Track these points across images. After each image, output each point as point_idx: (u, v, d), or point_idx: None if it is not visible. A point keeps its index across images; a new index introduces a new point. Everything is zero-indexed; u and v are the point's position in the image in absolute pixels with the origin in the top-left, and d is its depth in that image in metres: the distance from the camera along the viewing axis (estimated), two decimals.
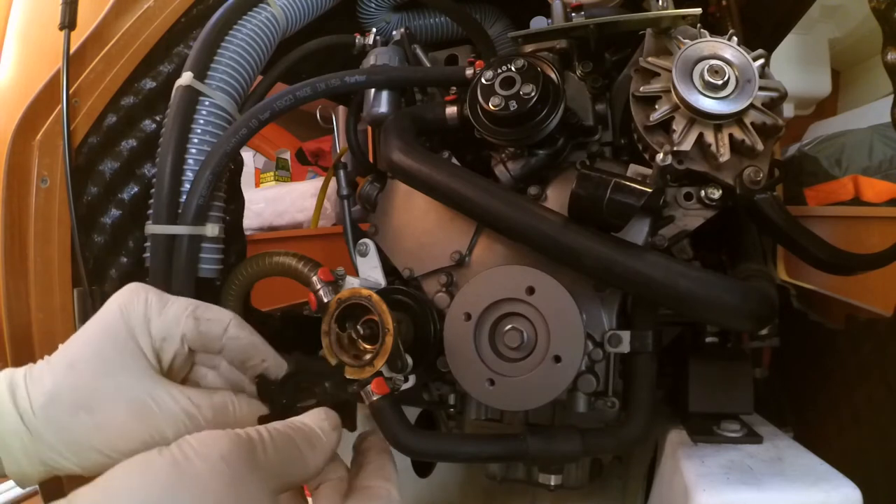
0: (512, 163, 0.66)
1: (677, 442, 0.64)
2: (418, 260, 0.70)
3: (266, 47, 0.82)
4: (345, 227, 0.80)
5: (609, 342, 0.61)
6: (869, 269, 0.62)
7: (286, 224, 1.58)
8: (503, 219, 0.57)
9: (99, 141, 0.74)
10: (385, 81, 0.76)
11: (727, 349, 0.75)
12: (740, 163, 0.57)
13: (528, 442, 0.59)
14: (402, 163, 0.62)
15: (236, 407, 0.42)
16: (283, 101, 0.70)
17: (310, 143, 2.08)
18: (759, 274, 0.60)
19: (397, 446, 0.60)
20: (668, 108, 0.56)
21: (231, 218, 0.84)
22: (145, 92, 0.78)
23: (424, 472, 0.89)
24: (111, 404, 0.38)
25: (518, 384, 0.59)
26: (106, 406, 0.38)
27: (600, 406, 0.63)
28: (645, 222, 0.60)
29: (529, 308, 0.59)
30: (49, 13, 0.78)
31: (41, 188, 0.70)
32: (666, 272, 0.52)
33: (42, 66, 0.77)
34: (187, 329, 0.42)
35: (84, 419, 0.38)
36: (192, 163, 0.73)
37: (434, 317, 0.65)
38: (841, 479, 0.53)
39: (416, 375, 0.63)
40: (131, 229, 0.76)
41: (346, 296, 0.50)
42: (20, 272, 0.69)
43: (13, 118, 0.71)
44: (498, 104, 0.60)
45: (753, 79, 0.54)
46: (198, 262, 0.73)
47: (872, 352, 0.82)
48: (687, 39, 0.58)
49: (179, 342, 0.42)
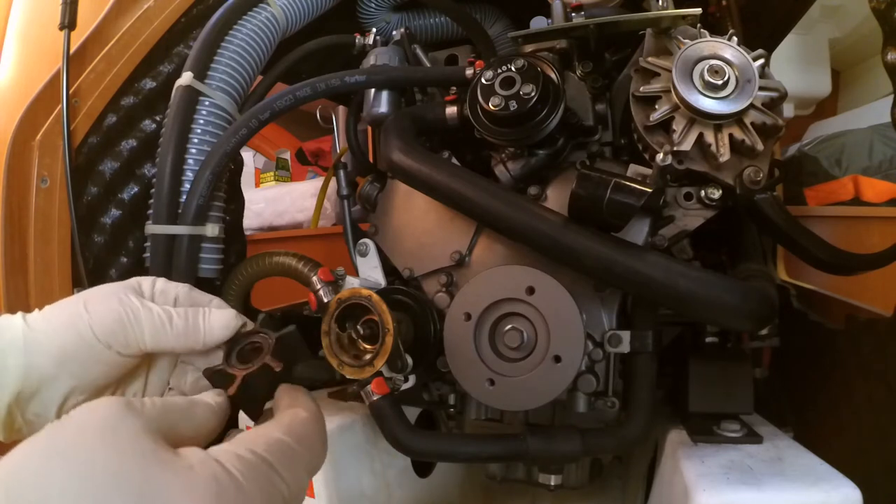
0: (512, 163, 0.66)
1: (677, 442, 0.64)
2: (418, 260, 0.70)
3: (266, 47, 0.82)
4: (345, 227, 0.80)
5: (609, 342, 0.61)
6: (869, 269, 0.62)
7: (286, 224, 1.58)
8: (503, 219, 0.57)
9: (99, 141, 0.74)
10: (385, 81, 0.76)
11: (727, 349, 0.75)
12: (740, 163, 0.57)
13: (528, 442, 0.59)
14: (402, 163, 0.62)
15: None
16: (283, 101, 0.70)
17: (310, 143, 2.08)
18: (759, 274, 0.60)
19: (397, 446, 0.60)
20: (668, 108, 0.56)
21: (231, 218, 0.84)
22: (145, 92, 0.78)
23: (424, 472, 0.89)
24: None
25: (518, 384, 0.59)
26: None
27: (600, 406, 0.63)
28: (645, 222, 0.60)
29: (529, 308, 0.59)
30: (49, 13, 0.78)
31: (41, 188, 0.70)
32: (666, 272, 0.52)
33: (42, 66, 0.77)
34: (181, 291, 0.45)
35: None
36: (192, 163, 0.73)
37: (434, 317, 0.65)
38: (841, 479, 0.53)
39: (416, 375, 0.63)
40: (131, 229, 0.76)
41: (346, 296, 0.50)
42: (20, 272, 0.69)
43: (13, 118, 0.71)
44: (498, 104, 0.60)
45: (753, 79, 0.54)
46: (198, 262, 0.73)
47: (872, 352, 0.82)
48: (687, 39, 0.58)
49: (173, 300, 0.45)
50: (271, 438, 0.33)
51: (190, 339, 0.42)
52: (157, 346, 0.41)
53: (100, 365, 0.40)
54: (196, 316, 0.43)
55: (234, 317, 0.44)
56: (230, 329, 0.43)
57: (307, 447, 0.35)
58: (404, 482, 0.84)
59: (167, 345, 0.42)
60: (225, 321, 0.43)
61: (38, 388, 0.39)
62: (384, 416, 0.60)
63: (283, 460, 0.32)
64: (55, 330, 0.40)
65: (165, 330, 0.41)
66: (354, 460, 0.76)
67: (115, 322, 0.40)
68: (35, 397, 0.40)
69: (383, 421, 0.60)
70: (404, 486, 0.83)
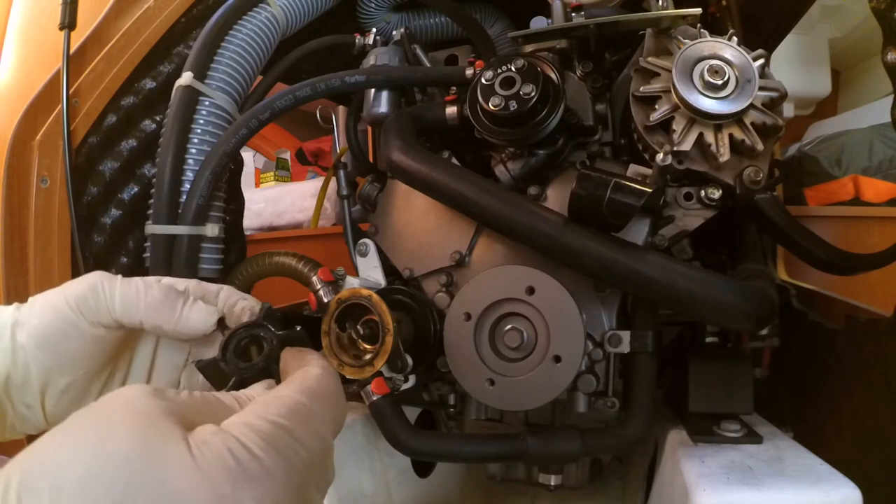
0: (512, 163, 0.66)
1: (677, 442, 0.64)
2: (418, 260, 0.70)
3: (266, 47, 0.82)
4: (345, 227, 0.80)
5: (609, 342, 0.61)
6: (869, 269, 0.62)
7: (286, 224, 1.58)
8: (503, 219, 0.57)
9: (99, 141, 0.74)
10: (385, 81, 0.76)
11: (727, 349, 0.75)
12: (740, 163, 0.57)
13: (528, 442, 0.59)
14: (402, 163, 0.62)
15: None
16: (283, 101, 0.70)
17: (310, 143, 2.08)
18: (759, 274, 0.60)
19: (397, 446, 0.60)
20: (668, 108, 0.56)
21: (231, 218, 0.84)
22: (145, 92, 0.78)
23: (424, 472, 0.89)
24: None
25: (518, 384, 0.59)
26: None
27: (600, 406, 0.63)
28: (645, 222, 0.60)
29: (529, 308, 0.59)
30: (49, 13, 0.78)
31: (41, 188, 0.70)
32: (666, 272, 0.52)
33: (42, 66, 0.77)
34: (191, 285, 0.45)
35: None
36: (192, 163, 0.73)
37: (434, 317, 0.65)
38: (841, 479, 0.53)
39: (416, 375, 0.63)
40: (131, 229, 0.76)
41: (346, 296, 0.50)
42: (20, 272, 0.69)
43: (13, 118, 0.71)
44: (498, 104, 0.60)
45: (753, 79, 0.54)
46: (198, 262, 0.73)
47: (872, 352, 0.82)
48: (687, 39, 0.58)
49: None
50: (285, 401, 0.32)
51: (162, 315, 0.41)
52: (127, 315, 0.40)
53: (75, 340, 0.40)
54: (177, 298, 0.42)
55: (215, 314, 0.43)
56: (207, 325, 0.42)
57: (325, 404, 0.34)
58: (404, 482, 0.84)
59: (136, 315, 0.40)
60: (204, 316, 0.42)
61: (25, 374, 0.39)
62: (384, 416, 0.60)
63: (301, 422, 0.31)
64: (37, 309, 0.40)
65: (138, 299, 0.40)
66: (354, 460, 0.76)
67: (88, 288, 0.40)
68: (25, 384, 0.40)
69: (383, 421, 0.60)
70: (404, 486, 0.83)
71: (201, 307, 0.43)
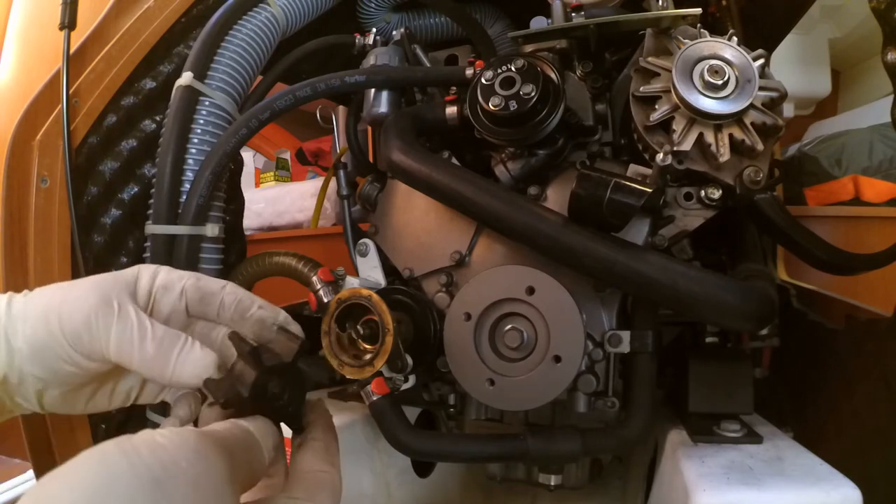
0: (512, 163, 0.66)
1: (677, 442, 0.64)
2: (418, 260, 0.70)
3: (266, 47, 0.82)
4: (345, 227, 0.80)
5: (609, 342, 0.61)
6: (869, 269, 0.62)
7: (286, 224, 1.58)
8: (503, 219, 0.57)
9: (99, 141, 0.74)
10: (385, 81, 0.76)
11: (727, 349, 0.75)
12: (740, 163, 0.57)
13: (528, 442, 0.59)
14: (402, 163, 0.62)
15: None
16: (283, 101, 0.70)
17: (310, 143, 2.08)
18: (759, 274, 0.60)
19: (397, 446, 0.60)
20: (668, 108, 0.56)
21: (231, 218, 0.84)
22: (145, 92, 0.78)
23: (424, 472, 0.89)
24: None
25: (518, 384, 0.59)
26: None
27: (600, 406, 0.63)
28: (645, 222, 0.60)
29: (529, 308, 0.59)
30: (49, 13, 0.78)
31: (41, 188, 0.70)
32: (666, 272, 0.52)
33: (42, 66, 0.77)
34: (188, 284, 0.43)
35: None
36: (192, 163, 0.73)
37: (434, 317, 0.65)
38: (841, 479, 0.53)
39: (416, 375, 0.63)
40: (131, 229, 0.76)
41: (346, 296, 0.50)
42: (20, 272, 0.69)
43: (13, 118, 0.71)
44: (498, 104, 0.60)
45: (753, 79, 0.54)
46: (198, 263, 0.73)
47: (872, 352, 0.82)
48: (687, 39, 0.58)
49: (179, 294, 0.43)
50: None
51: (154, 369, 0.39)
52: (120, 360, 0.39)
53: (67, 365, 0.39)
54: (171, 348, 0.40)
55: (211, 365, 0.40)
56: (199, 379, 0.40)
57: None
58: (404, 482, 0.84)
59: (130, 364, 0.39)
60: (199, 369, 0.40)
61: (21, 377, 0.39)
62: (384, 416, 0.60)
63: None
64: (31, 317, 0.39)
65: (132, 348, 0.39)
66: (354, 460, 0.76)
67: (83, 324, 0.38)
68: (21, 385, 0.39)
69: (383, 421, 0.60)
70: (404, 486, 0.83)
71: (196, 357, 0.40)
